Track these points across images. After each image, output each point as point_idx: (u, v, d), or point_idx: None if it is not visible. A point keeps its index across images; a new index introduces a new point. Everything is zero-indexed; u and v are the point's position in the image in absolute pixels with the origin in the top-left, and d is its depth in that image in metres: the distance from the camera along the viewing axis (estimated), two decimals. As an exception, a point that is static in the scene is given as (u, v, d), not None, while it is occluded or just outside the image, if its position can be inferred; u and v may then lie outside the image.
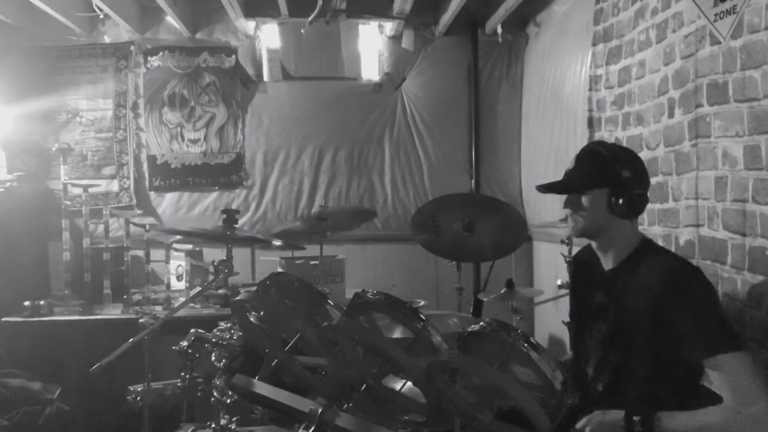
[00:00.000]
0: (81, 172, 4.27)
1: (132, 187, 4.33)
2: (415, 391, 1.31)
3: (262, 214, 4.40)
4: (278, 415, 1.95)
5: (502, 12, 3.98)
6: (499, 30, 4.40)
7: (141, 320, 2.34)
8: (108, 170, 4.33)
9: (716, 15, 2.14)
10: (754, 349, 1.95)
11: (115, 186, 4.34)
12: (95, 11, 4.01)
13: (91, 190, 3.83)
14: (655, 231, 2.61)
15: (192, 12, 4.31)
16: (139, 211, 4.25)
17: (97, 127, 4.32)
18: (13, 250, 3.63)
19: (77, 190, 3.85)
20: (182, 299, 3.25)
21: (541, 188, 1.84)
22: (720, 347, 1.51)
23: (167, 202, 4.39)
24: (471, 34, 4.43)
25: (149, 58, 4.32)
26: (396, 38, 4.43)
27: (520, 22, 4.42)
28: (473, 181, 4.49)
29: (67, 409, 3.15)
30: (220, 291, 3.41)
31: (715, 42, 2.18)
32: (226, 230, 2.58)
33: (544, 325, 4.10)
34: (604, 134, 3.14)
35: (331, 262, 3.55)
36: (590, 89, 3.25)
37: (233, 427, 1.97)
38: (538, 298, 3.48)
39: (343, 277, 3.60)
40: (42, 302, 3.39)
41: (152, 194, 4.38)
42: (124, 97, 4.33)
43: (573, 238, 1.87)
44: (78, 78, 4.29)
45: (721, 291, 2.14)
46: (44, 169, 4.24)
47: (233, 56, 4.35)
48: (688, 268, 1.67)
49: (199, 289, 2.70)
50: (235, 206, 4.31)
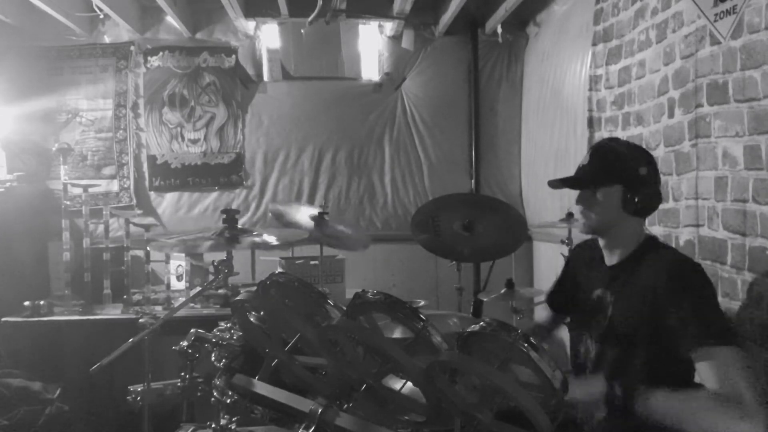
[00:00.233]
0: (81, 172, 4.28)
1: (132, 187, 4.33)
2: (415, 391, 1.31)
3: (262, 214, 4.40)
4: (278, 415, 1.95)
5: (502, 12, 3.98)
6: (499, 30, 4.40)
7: (141, 320, 2.33)
8: (108, 170, 4.33)
9: (716, 15, 2.14)
10: (754, 349, 1.95)
11: (115, 186, 4.34)
12: (95, 11, 4.01)
13: (91, 190, 3.83)
14: (655, 231, 2.61)
15: (192, 12, 4.31)
16: (139, 211, 4.25)
17: (97, 127, 4.32)
18: (13, 250, 3.63)
19: (77, 190, 3.85)
20: (182, 299, 3.25)
21: (555, 183, 1.82)
22: (712, 339, 1.50)
23: (167, 202, 4.39)
24: (471, 34, 4.44)
25: (149, 58, 4.32)
26: (396, 38, 4.43)
27: (520, 22, 4.43)
28: (473, 181, 4.50)
29: (67, 409, 3.14)
30: (220, 291, 3.41)
31: (715, 42, 2.18)
32: (226, 231, 2.57)
33: (544, 325, 4.10)
34: (604, 134, 3.14)
35: (331, 262, 3.56)
36: (590, 89, 3.25)
37: (233, 427, 1.97)
38: (538, 298, 3.47)
39: (343, 277, 3.61)
40: (42, 302, 3.39)
41: (152, 194, 4.38)
42: (124, 97, 4.33)
43: (583, 234, 1.85)
44: (78, 78, 4.29)
45: (721, 291, 2.14)
46: (44, 169, 4.23)
47: (233, 56, 4.35)
48: (690, 264, 1.67)
49: (199, 289, 2.69)
50: (235, 206, 4.31)
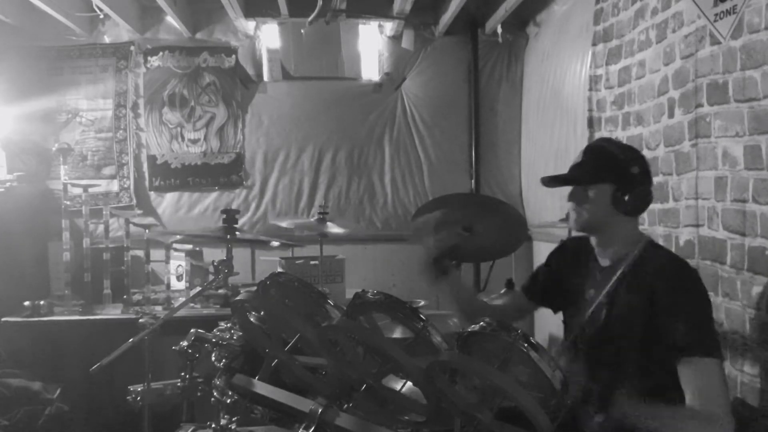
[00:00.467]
0: (81, 172, 4.27)
1: (132, 187, 4.33)
2: (415, 391, 1.31)
3: (262, 214, 4.40)
4: (278, 415, 1.95)
5: (502, 12, 3.98)
6: (499, 30, 4.40)
7: (141, 320, 2.33)
8: (108, 170, 4.33)
9: (716, 15, 2.14)
10: (753, 349, 1.95)
11: (115, 186, 4.33)
12: (95, 11, 4.01)
13: (91, 190, 3.83)
14: (655, 231, 2.61)
15: (192, 12, 4.31)
16: (139, 211, 4.25)
17: (97, 127, 4.32)
18: (13, 250, 3.63)
19: (77, 190, 3.85)
20: (182, 299, 3.24)
21: (546, 180, 1.84)
22: (697, 349, 1.51)
23: (167, 202, 4.39)
24: (471, 34, 4.43)
25: (149, 58, 4.32)
26: (396, 38, 4.43)
27: (520, 22, 4.42)
28: (473, 181, 4.49)
29: (67, 409, 3.14)
30: (220, 291, 3.41)
31: (715, 42, 2.18)
32: (226, 232, 2.58)
33: (544, 325, 4.10)
34: (604, 134, 3.14)
35: (331, 262, 3.56)
36: (590, 89, 3.25)
37: (233, 427, 1.97)
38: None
39: (343, 277, 3.60)
40: (42, 302, 3.39)
41: (152, 194, 4.38)
42: (124, 97, 4.32)
43: (573, 231, 1.85)
44: (78, 78, 4.28)
45: (721, 291, 2.14)
46: (44, 169, 4.23)
47: (233, 56, 4.35)
48: (687, 269, 1.67)
49: (199, 289, 2.69)
50: (235, 206, 4.31)
